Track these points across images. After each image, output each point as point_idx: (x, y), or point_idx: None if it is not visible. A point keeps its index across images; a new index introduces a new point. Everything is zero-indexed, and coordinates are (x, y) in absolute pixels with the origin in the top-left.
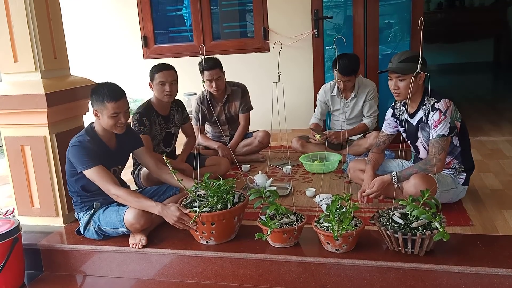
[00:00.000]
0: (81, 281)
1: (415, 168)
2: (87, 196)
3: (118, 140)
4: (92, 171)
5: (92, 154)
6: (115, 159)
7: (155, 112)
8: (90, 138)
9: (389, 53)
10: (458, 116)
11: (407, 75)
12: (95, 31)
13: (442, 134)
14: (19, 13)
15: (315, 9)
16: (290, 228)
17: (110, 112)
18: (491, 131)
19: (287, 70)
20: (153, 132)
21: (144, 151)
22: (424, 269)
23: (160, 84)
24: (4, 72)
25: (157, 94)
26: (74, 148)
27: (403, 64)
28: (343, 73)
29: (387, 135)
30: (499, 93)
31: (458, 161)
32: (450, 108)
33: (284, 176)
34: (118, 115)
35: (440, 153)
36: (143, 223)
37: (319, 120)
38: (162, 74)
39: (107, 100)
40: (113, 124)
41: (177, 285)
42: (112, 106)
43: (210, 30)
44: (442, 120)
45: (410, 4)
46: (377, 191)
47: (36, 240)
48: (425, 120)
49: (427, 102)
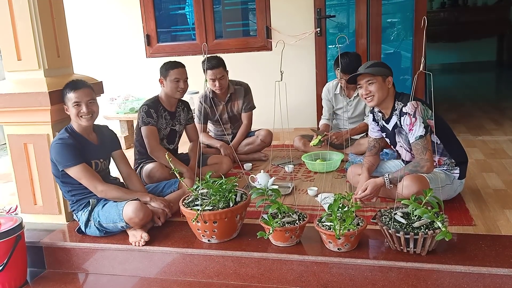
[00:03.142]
0: (83, 279)
1: (405, 170)
2: (80, 194)
3: (98, 136)
4: (76, 169)
5: (74, 151)
6: (97, 153)
7: (162, 107)
8: (69, 135)
9: (392, 52)
10: (430, 114)
11: (376, 76)
12: (98, 30)
13: (419, 135)
14: (22, 12)
15: (317, 8)
16: (292, 227)
17: (72, 101)
18: (493, 131)
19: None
20: (159, 125)
21: (121, 154)
22: (426, 268)
23: (175, 81)
24: (8, 70)
25: (170, 91)
26: (56, 146)
27: (370, 68)
28: (345, 72)
29: (374, 139)
30: (502, 92)
31: (446, 157)
32: (418, 109)
33: (286, 175)
34: (79, 104)
35: (425, 153)
36: (142, 216)
37: (328, 120)
38: (177, 71)
39: (68, 91)
40: (75, 113)
41: (179, 283)
42: (73, 95)
43: (212, 28)
44: (414, 122)
45: (413, 3)
46: (370, 194)
47: (38, 237)
48: (400, 125)
49: (396, 106)
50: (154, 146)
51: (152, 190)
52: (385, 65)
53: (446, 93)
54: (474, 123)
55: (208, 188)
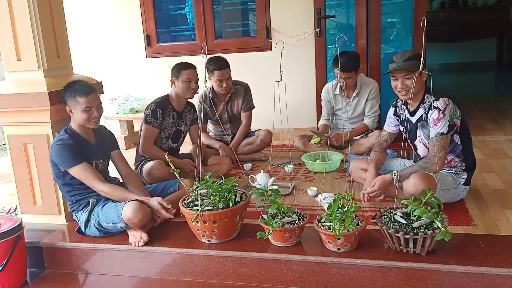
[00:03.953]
0: (83, 279)
1: (415, 167)
2: (80, 194)
3: (96, 136)
4: (77, 169)
5: (74, 151)
6: (97, 153)
7: (171, 106)
8: (69, 136)
9: (392, 52)
10: (458, 114)
11: (414, 72)
12: (98, 30)
13: (441, 132)
14: (22, 12)
15: (317, 8)
16: (292, 227)
17: (82, 106)
18: (493, 131)
19: (289, 69)
20: (165, 124)
21: (119, 154)
22: (425, 268)
23: (188, 81)
24: (7, 70)
25: (181, 91)
26: (57, 147)
27: (408, 62)
28: (344, 70)
29: (389, 133)
30: (502, 92)
31: (459, 159)
32: (449, 106)
33: (286, 175)
34: (91, 109)
35: (440, 151)
36: (141, 217)
37: (327, 121)
38: (190, 71)
39: (79, 95)
40: (86, 118)
41: (179, 283)
42: (84, 101)
43: (212, 29)
44: (441, 118)
45: (413, 3)
46: (378, 190)
47: (38, 238)
48: (425, 118)
49: (426, 100)
50: (144, 146)
51: (152, 191)
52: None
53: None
54: (474, 123)
55: (207, 188)
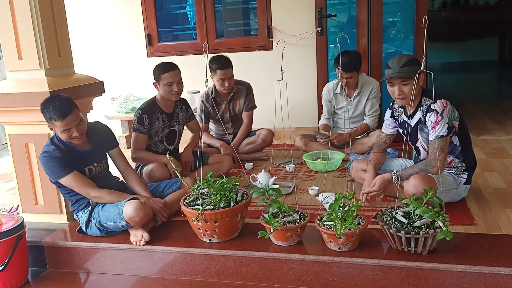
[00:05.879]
0: (84, 278)
1: (415, 168)
2: (79, 194)
3: (91, 139)
4: (67, 179)
5: (62, 162)
6: (90, 158)
7: (159, 109)
8: (55, 147)
9: (393, 51)
10: (456, 115)
11: (411, 79)
12: (99, 29)
13: (440, 135)
14: (23, 11)
15: (318, 7)
16: (293, 226)
17: (60, 129)
18: (495, 130)
19: (290, 68)
20: (154, 129)
21: (118, 152)
22: (427, 268)
23: (168, 85)
24: (9, 69)
25: (164, 94)
26: (43, 159)
27: (405, 68)
28: (345, 69)
29: (387, 135)
30: (504, 91)
31: (459, 160)
32: (446, 108)
33: (287, 174)
34: (70, 130)
35: (440, 154)
36: (142, 215)
37: (328, 120)
38: (169, 74)
39: (54, 119)
40: (67, 137)
41: (180, 282)
42: (61, 124)
43: (213, 28)
44: (440, 120)
45: (414, 2)
46: (378, 190)
47: (40, 237)
48: (423, 121)
49: (424, 102)
50: (134, 153)
51: (153, 190)
52: (418, 61)
53: (447, 92)
54: (475, 123)
55: (209, 188)
